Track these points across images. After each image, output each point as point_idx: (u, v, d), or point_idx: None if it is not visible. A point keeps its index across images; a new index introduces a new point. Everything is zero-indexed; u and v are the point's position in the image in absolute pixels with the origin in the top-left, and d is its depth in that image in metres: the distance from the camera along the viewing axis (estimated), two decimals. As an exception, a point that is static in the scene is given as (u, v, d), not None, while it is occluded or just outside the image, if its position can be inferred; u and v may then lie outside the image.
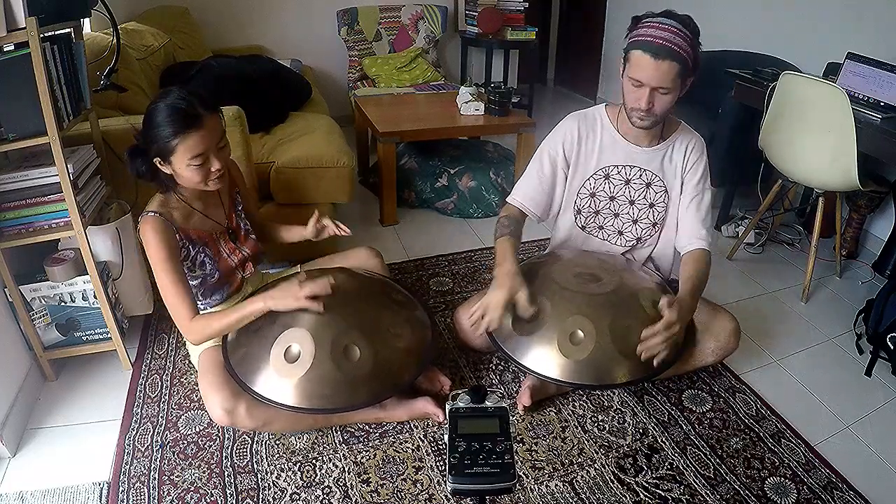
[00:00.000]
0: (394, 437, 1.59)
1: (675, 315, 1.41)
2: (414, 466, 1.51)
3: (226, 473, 1.48)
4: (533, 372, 1.49)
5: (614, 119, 1.65)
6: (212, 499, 1.42)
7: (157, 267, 1.41)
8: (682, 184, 1.67)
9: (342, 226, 1.68)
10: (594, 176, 1.69)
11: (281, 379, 1.40)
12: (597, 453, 1.57)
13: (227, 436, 1.59)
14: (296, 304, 1.40)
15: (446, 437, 0.94)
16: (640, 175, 1.67)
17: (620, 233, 1.75)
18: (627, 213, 1.72)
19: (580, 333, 1.47)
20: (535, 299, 1.52)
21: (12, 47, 1.41)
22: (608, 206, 1.72)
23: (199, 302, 1.59)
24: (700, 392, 1.79)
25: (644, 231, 1.73)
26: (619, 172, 1.67)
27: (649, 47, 1.41)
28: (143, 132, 1.38)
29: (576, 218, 1.75)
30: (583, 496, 1.45)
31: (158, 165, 1.39)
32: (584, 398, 1.74)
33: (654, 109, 1.48)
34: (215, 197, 1.58)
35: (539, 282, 1.62)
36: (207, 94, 1.43)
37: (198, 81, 2.62)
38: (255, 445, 1.56)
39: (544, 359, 1.48)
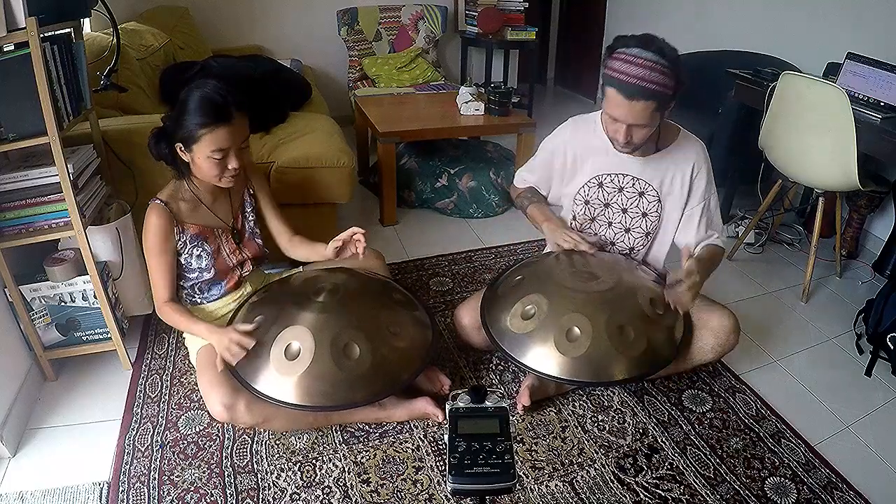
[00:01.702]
0: (394, 437, 1.59)
1: (695, 265, 1.49)
2: (414, 466, 1.51)
3: (226, 473, 1.48)
4: (531, 369, 1.49)
5: None
6: (212, 499, 1.42)
7: (149, 252, 1.50)
8: (689, 196, 1.66)
9: (361, 244, 1.58)
10: (588, 183, 1.69)
11: (281, 376, 1.40)
12: (597, 453, 1.57)
13: (227, 436, 1.59)
14: (222, 353, 1.43)
15: (446, 437, 0.94)
16: (634, 184, 1.66)
17: (613, 243, 1.75)
18: (620, 221, 1.72)
19: (577, 331, 1.47)
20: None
21: (12, 47, 1.41)
22: (603, 213, 1.72)
23: (197, 295, 1.63)
24: (700, 392, 1.79)
25: (637, 241, 1.73)
26: (612, 180, 1.67)
27: (622, 87, 1.38)
28: (174, 115, 1.43)
29: (571, 223, 1.75)
30: (583, 496, 1.45)
31: (179, 151, 1.44)
32: (584, 398, 1.74)
33: (633, 141, 1.49)
34: (224, 195, 1.61)
35: (537, 280, 1.63)
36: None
37: (197, 81, 2.62)
38: (255, 445, 1.56)
39: (542, 357, 1.48)
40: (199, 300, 1.64)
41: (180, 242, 1.53)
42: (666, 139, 1.63)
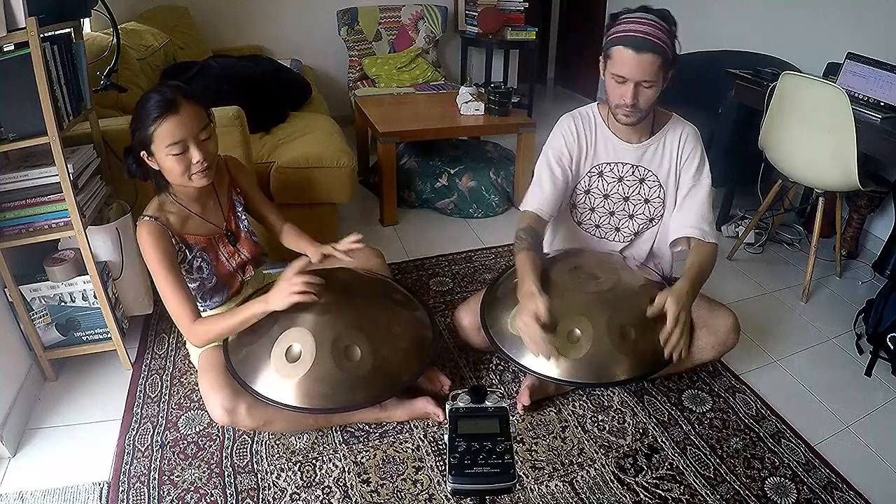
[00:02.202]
0: (394, 437, 1.59)
1: (677, 304, 1.44)
2: (414, 466, 1.51)
3: (226, 473, 1.48)
4: (532, 371, 1.49)
5: (605, 117, 1.66)
6: (212, 499, 1.42)
7: (156, 272, 1.41)
8: (679, 176, 1.66)
9: (347, 249, 1.59)
10: (588, 173, 1.70)
11: (281, 378, 1.40)
12: (597, 453, 1.57)
13: (227, 436, 1.59)
14: (291, 299, 1.39)
15: (446, 437, 0.94)
16: (633, 171, 1.67)
17: (617, 229, 1.75)
18: (623, 209, 1.72)
19: (577, 332, 1.47)
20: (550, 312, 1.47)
21: (12, 47, 1.41)
22: (603, 203, 1.72)
23: (198, 304, 1.58)
24: (700, 392, 1.79)
25: (641, 225, 1.73)
26: (611, 170, 1.68)
27: (631, 41, 1.42)
28: (132, 129, 1.39)
29: (571, 212, 1.75)
30: (583, 496, 1.45)
31: (145, 160, 1.39)
32: (584, 398, 1.74)
33: (639, 104, 1.49)
34: (213, 199, 1.57)
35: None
36: (206, 93, 1.42)
37: (198, 81, 2.62)
38: (255, 445, 1.56)
39: (542, 358, 1.47)
40: (201, 309, 1.59)
41: (179, 254, 1.48)
42: (659, 124, 1.65)
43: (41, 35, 1.40)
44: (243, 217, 1.67)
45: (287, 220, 1.74)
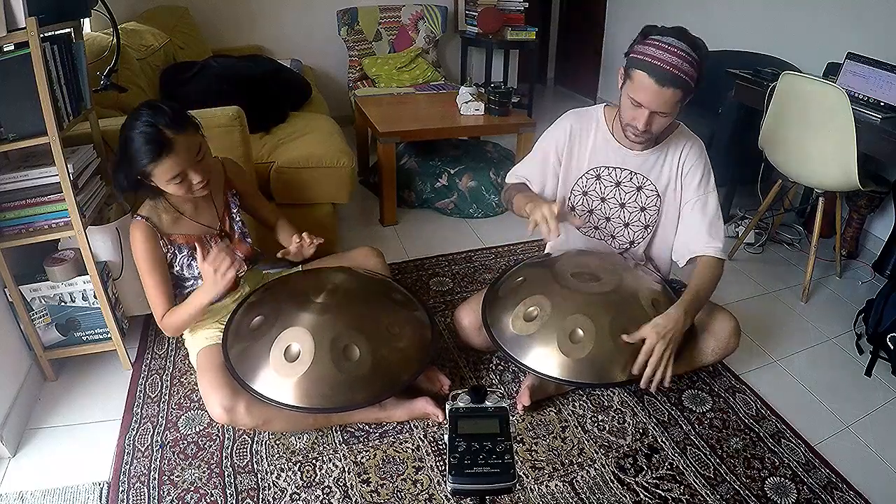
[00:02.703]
0: (394, 437, 1.59)
1: (656, 335, 1.41)
2: (414, 466, 1.51)
3: (226, 473, 1.48)
4: (533, 371, 1.49)
5: (611, 121, 1.64)
6: (212, 499, 1.42)
7: (142, 269, 1.49)
8: (682, 189, 1.64)
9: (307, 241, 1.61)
10: (586, 175, 1.69)
11: (280, 378, 1.40)
12: (597, 453, 1.57)
13: (227, 436, 1.59)
14: (221, 280, 1.40)
15: (446, 437, 0.94)
16: (631, 178, 1.66)
17: (613, 237, 1.75)
18: (619, 216, 1.71)
19: (580, 332, 1.47)
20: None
21: (12, 47, 1.41)
22: (600, 207, 1.72)
23: None
24: (700, 392, 1.79)
25: (636, 234, 1.73)
26: (609, 174, 1.67)
27: (655, 72, 1.36)
28: (120, 155, 1.40)
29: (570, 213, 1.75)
30: (583, 496, 1.45)
31: (143, 180, 1.41)
32: (584, 398, 1.74)
33: (651, 130, 1.48)
34: (207, 200, 1.59)
35: (538, 281, 1.62)
36: (206, 93, 1.42)
37: (198, 81, 2.62)
38: (255, 445, 1.56)
39: (544, 358, 1.48)
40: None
41: (169, 254, 1.52)
42: (665, 133, 1.62)
43: (41, 35, 1.39)
44: (238, 218, 1.68)
45: (282, 217, 1.78)
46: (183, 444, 1.56)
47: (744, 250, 2.64)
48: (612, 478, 1.49)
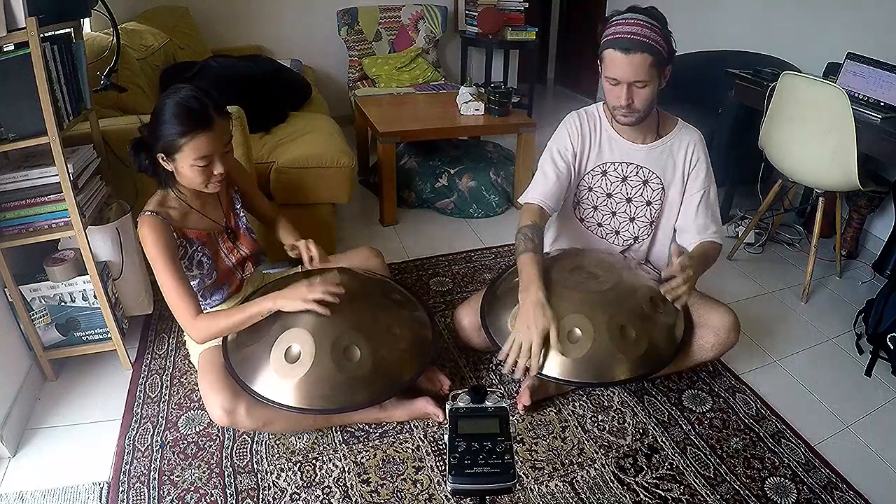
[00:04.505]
0: (394, 437, 1.59)
1: (687, 260, 1.50)
2: (414, 466, 1.51)
3: (226, 473, 1.48)
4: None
5: (610, 117, 1.66)
6: (212, 499, 1.42)
7: (158, 267, 1.41)
8: (687, 182, 1.67)
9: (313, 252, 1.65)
10: (592, 171, 1.70)
11: (281, 379, 1.39)
12: (597, 453, 1.57)
13: (227, 436, 1.59)
14: (304, 305, 1.40)
15: (446, 437, 0.94)
16: (637, 172, 1.67)
17: (618, 232, 1.75)
18: (625, 211, 1.72)
19: (578, 332, 1.47)
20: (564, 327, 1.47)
21: (12, 47, 1.41)
22: (606, 202, 1.72)
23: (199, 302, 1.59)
24: (700, 392, 1.79)
25: (641, 230, 1.73)
26: (615, 169, 1.68)
27: (619, 43, 1.44)
28: (151, 126, 1.38)
29: (574, 209, 1.75)
30: (583, 496, 1.45)
31: (161, 161, 1.39)
32: (584, 398, 1.74)
33: (635, 105, 1.51)
34: (213, 196, 1.58)
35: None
36: (206, 93, 1.42)
37: (198, 81, 2.62)
38: (255, 445, 1.56)
39: (543, 358, 1.48)
40: (202, 306, 1.60)
41: (181, 249, 1.48)
42: (665, 128, 1.66)
43: (41, 35, 1.39)
44: (242, 215, 1.68)
45: (281, 214, 1.79)
46: (183, 444, 1.56)
47: (744, 250, 2.64)
48: (612, 478, 1.49)
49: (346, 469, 1.50)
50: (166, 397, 1.72)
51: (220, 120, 1.38)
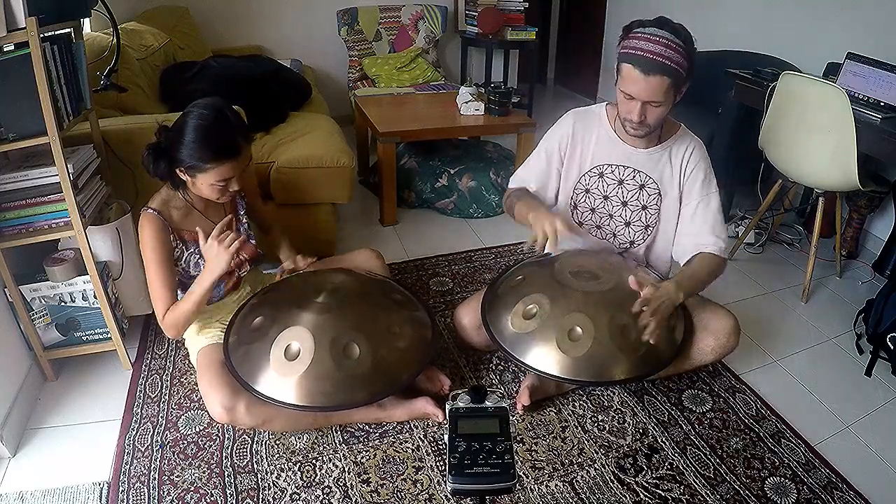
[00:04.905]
0: (394, 437, 1.59)
1: (651, 291, 1.44)
2: (414, 466, 1.51)
3: (226, 473, 1.48)
4: (532, 369, 1.49)
5: (613, 119, 1.65)
6: (212, 499, 1.42)
7: (149, 263, 1.47)
8: (682, 191, 1.65)
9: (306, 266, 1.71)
10: (589, 172, 1.70)
11: (280, 377, 1.40)
12: (597, 453, 1.57)
13: (227, 436, 1.59)
14: (227, 256, 1.41)
15: (446, 437, 0.94)
16: (634, 176, 1.66)
17: (614, 235, 1.75)
18: (621, 214, 1.71)
19: (578, 330, 1.47)
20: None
21: (12, 47, 1.41)
22: (603, 205, 1.72)
23: None
24: (700, 392, 1.79)
25: (637, 234, 1.73)
26: (612, 172, 1.67)
27: (639, 62, 1.40)
28: (174, 140, 1.40)
29: (572, 213, 1.75)
30: (583, 496, 1.45)
31: (178, 173, 1.44)
32: (584, 398, 1.74)
33: (647, 121, 1.49)
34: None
35: (538, 279, 1.63)
36: (206, 93, 1.45)
37: (198, 81, 2.62)
38: (255, 445, 1.56)
39: (543, 356, 1.48)
40: None
41: (177, 250, 1.53)
42: (667, 133, 1.64)
43: (41, 35, 1.39)
44: (245, 221, 1.68)
45: (278, 222, 1.82)
46: (183, 444, 1.56)
47: (744, 250, 2.64)
48: (612, 478, 1.49)
49: (346, 469, 1.50)
50: (166, 397, 1.72)
51: (245, 147, 1.44)
